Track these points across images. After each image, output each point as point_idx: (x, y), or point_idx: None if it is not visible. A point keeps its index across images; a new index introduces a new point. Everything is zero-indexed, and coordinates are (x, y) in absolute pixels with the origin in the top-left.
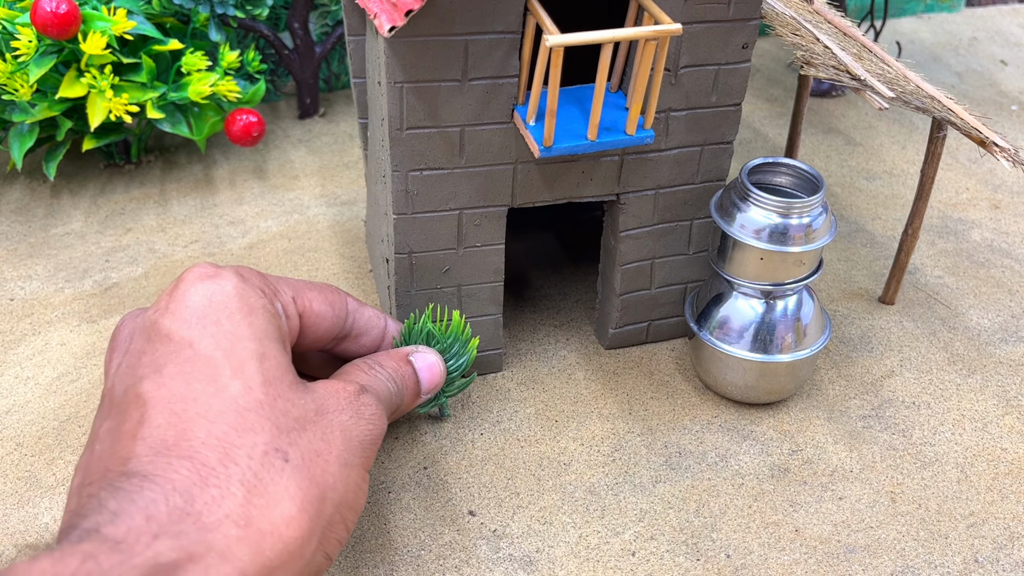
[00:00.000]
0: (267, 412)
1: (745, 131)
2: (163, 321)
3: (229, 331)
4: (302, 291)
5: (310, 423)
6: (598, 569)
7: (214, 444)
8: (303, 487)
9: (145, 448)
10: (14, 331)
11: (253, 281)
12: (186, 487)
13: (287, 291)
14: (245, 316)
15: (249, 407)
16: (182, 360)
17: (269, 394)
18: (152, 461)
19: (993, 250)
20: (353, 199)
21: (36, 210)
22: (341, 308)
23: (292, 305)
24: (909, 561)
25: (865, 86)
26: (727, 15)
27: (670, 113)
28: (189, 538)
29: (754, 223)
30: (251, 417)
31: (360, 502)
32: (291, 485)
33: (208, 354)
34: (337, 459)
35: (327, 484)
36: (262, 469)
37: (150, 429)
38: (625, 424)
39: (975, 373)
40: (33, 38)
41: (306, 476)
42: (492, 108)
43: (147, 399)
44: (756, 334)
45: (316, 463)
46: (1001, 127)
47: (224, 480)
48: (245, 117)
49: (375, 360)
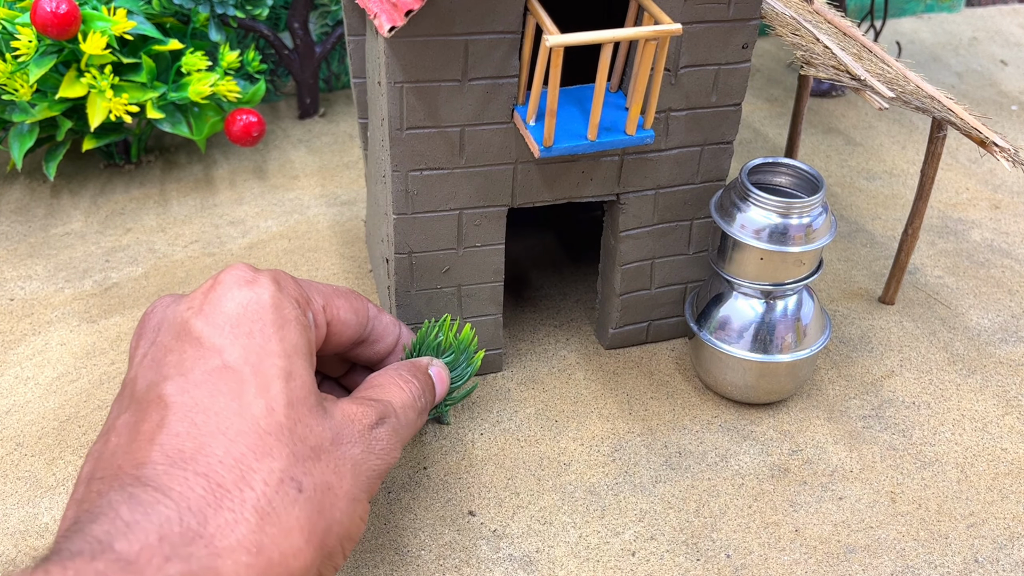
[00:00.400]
0: (286, 437)
1: (745, 131)
2: (195, 322)
3: (260, 344)
4: (331, 299)
5: (325, 453)
6: (598, 569)
7: (231, 464)
8: (312, 519)
9: (161, 455)
10: (14, 331)
11: (289, 290)
12: (200, 507)
13: (318, 299)
14: (277, 329)
15: (270, 430)
16: (209, 368)
17: (290, 417)
18: (168, 472)
19: (993, 250)
20: (353, 199)
21: (36, 210)
22: (364, 315)
23: (322, 314)
24: (909, 561)
25: (865, 86)
26: (727, 15)
27: (670, 113)
28: (200, 563)
29: (754, 223)
30: (270, 441)
31: (360, 533)
32: (302, 516)
33: (236, 366)
34: (346, 494)
35: (334, 518)
36: (276, 497)
37: (168, 436)
38: (625, 424)
39: (975, 373)
40: (33, 38)
41: (316, 509)
42: (492, 108)
43: (169, 402)
44: (756, 334)
45: (326, 496)
46: (1001, 127)
47: (239, 504)
48: (245, 117)
49: (406, 373)
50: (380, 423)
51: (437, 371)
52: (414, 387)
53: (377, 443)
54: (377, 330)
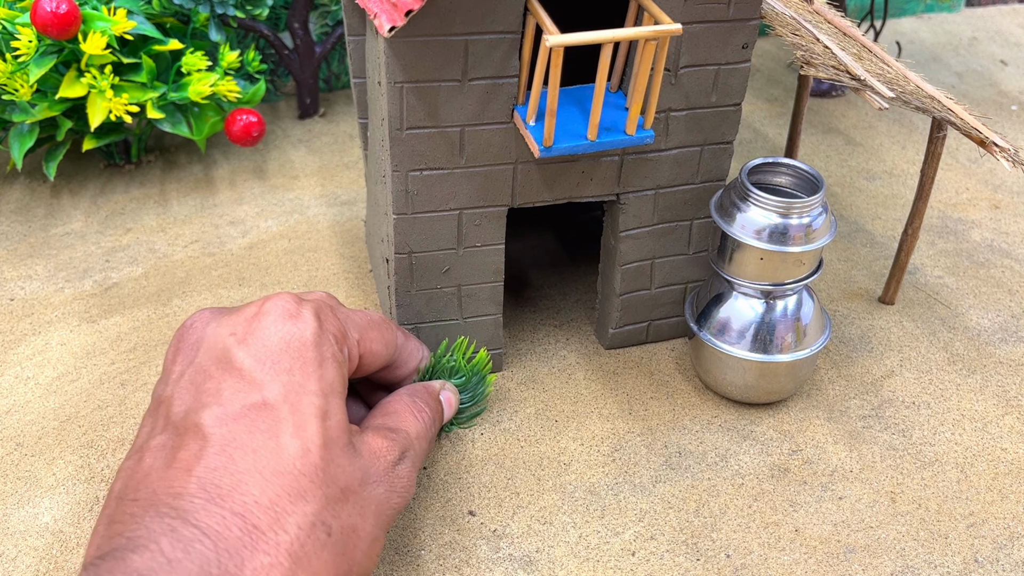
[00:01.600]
0: (320, 479)
1: (745, 131)
2: (237, 352)
3: (299, 383)
4: (366, 332)
5: (353, 495)
6: (598, 569)
7: (267, 506)
8: (337, 563)
9: (199, 488)
10: (14, 331)
11: (329, 326)
12: (237, 549)
13: (354, 334)
14: (317, 367)
15: (305, 471)
16: (249, 404)
17: (324, 458)
18: (205, 508)
19: (993, 250)
20: (353, 199)
21: (36, 210)
22: (393, 345)
23: (356, 348)
24: (909, 561)
25: (865, 86)
26: (727, 15)
27: (670, 113)
28: None
29: (754, 223)
30: (304, 483)
31: (374, 569)
32: (329, 560)
33: (275, 404)
34: (368, 535)
35: (355, 560)
36: (308, 541)
37: (206, 470)
38: (625, 424)
39: (975, 373)
40: (33, 38)
41: (341, 552)
42: (492, 108)
43: (207, 433)
44: (756, 334)
45: (351, 539)
46: (1001, 127)
47: (273, 548)
48: (245, 117)
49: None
50: (402, 459)
51: (447, 396)
52: (427, 416)
53: (399, 481)
54: (403, 356)
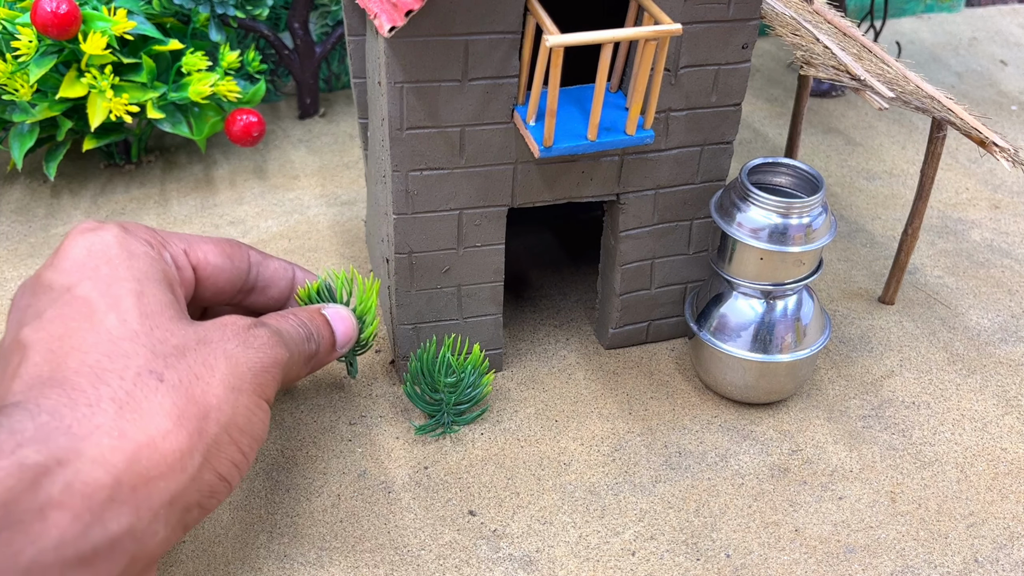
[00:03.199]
0: (143, 340)
1: (745, 131)
2: (46, 274)
3: (107, 274)
4: (196, 244)
5: (191, 350)
6: (598, 569)
7: (86, 371)
8: (179, 404)
9: (21, 384)
10: None
11: (138, 232)
12: (55, 408)
13: (178, 243)
14: (125, 260)
15: (124, 336)
16: (60, 304)
17: (145, 325)
18: (24, 394)
19: (993, 250)
20: (353, 199)
21: (36, 210)
22: (242, 260)
23: (183, 256)
24: (909, 561)
25: (865, 86)
26: (727, 15)
27: (670, 113)
28: (58, 444)
29: (754, 223)
30: (125, 345)
31: (256, 429)
32: (166, 402)
33: (85, 295)
34: (221, 382)
35: (209, 404)
36: (135, 388)
37: (27, 368)
38: (625, 424)
39: (975, 373)
40: (33, 38)
41: (183, 395)
42: (492, 108)
43: (27, 343)
44: (756, 334)
45: (196, 384)
46: (1001, 127)
47: (95, 399)
48: (245, 117)
49: (286, 311)
50: (258, 325)
51: (335, 311)
52: (293, 318)
53: (255, 339)
54: (264, 275)
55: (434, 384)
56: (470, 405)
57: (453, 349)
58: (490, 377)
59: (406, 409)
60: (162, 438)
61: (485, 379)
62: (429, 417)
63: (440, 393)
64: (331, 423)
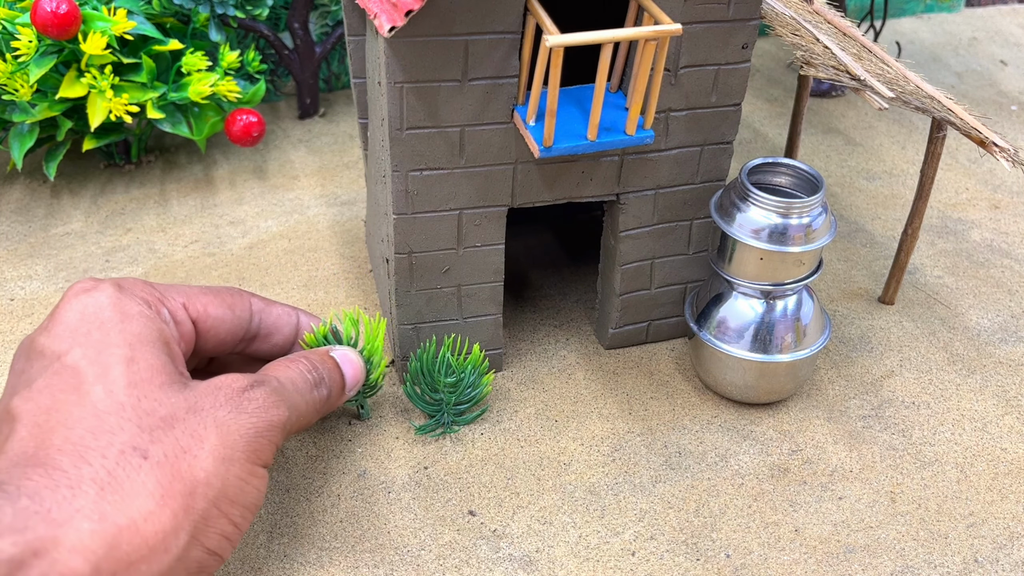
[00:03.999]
0: (129, 413)
1: (745, 131)
2: (40, 339)
3: (98, 339)
4: (195, 296)
5: (179, 421)
6: (598, 569)
7: (69, 449)
8: (164, 483)
9: (6, 462)
10: (14, 331)
11: (133, 290)
12: (36, 491)
13: (176, 298)
14: (118, 324)
15: (109, 410)
16: (50, 373)
17: (132, 396)
18: (9, 472)
19: (993, 250)
20: (353, 199)
21: (36, 210)
22: (243, 310)
23: (182, 311)
24: (909, 561)
25: (865, 86)
26: (727, 15)
27: (670, 113)
28: (35, 533)
29: (754, 223)
30: (110, 420)
31: (250, 498)
32: (149, 480)
33: (74, 363)
34: (211, 454)
35: (197, 479)
36: (117, 467)
37: (14, 443)
38: (625, 424)
39: (975, 373)
40: (33, 38)
41: (168, 472)
42: (492, 108)
43: (16, 413)
44: (756, 334)
45: (183, 459)
46: (1001, 127)
47: (76, 480)
48: (245, 117)
49: (295, 356)
50: (254, 386)
51: (343, 354)
52: (302, 363)
53: (250, 403)
54: (267, 323)
55: (434, 384)
56: (470, 405)
57: (453, 349)
58: (490, 377)
59: (406, 409)
60: (144, 520)
61: (485, 379)
62: (429, 417)
63: (440, 393)
64: (331, 423)
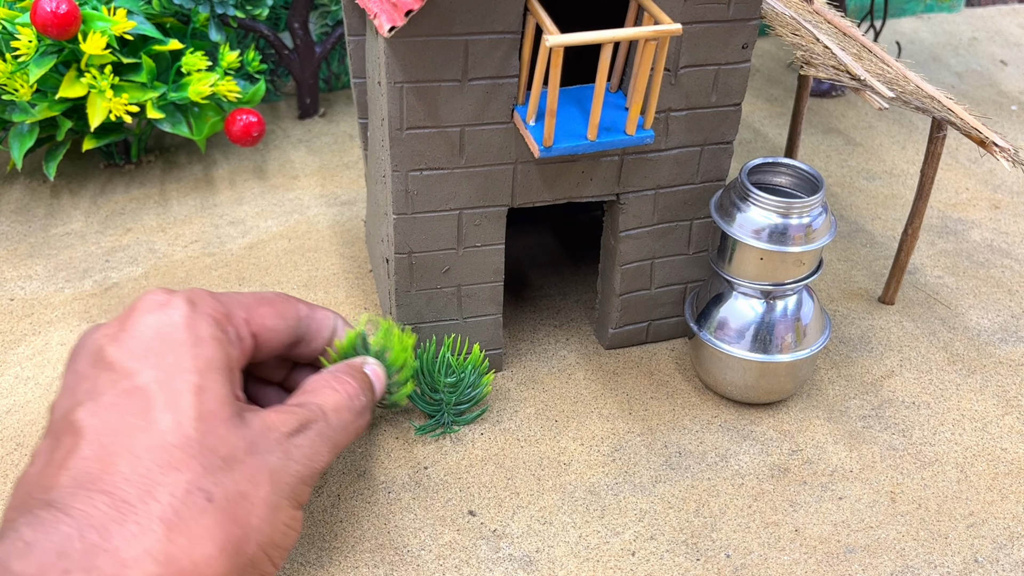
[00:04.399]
0: (195, 449)
1: (745, 131)
2: (110, 349)
3: (171, 363)
4: (254, 310)
5: (238, 463)
6: (598, 569)
7: (136, 480)
8: (225, 528)
9: (68, 479)
10: (14, 331)
11: (204, 308)
12: (103, 523)
13: (240, 313)
14: (191, 347)
15: (177, 443)
16: (120, 391)
17: (200, 430)
18: (73, 493)
19: (993, 250)
20: (353, 199)
21: (36, 210)
22: (293, 318)
23: (245, 327)
24: (909, 561)
25: (865, 86)
26: (727, 15)
27: (670, 113)
28: (103, 573)
29: (754, 223)
30: (177, 454)
31: (290, 541)
32: (213, 525)
33: (145, 386)
34: (264, 501)
35: (251, 526)
36: (184, 507)
37: (77, 459)
38: (625, 424)
39: (975, 373)
40: (33, 38)
41: (229, 517)
42: (492, 108)
43: (80, 427)
44: (756, 334)
45: (241, 505)
46: (1001, 127)
47: (144, 517)
48: (245, 117)
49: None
50: (301, 430)
51: (373, 369)
52: (351, 387)
53: (297, 450)
54: (312, 328)
55: (434, 384)
56: (470, 405)
57: (453, 349)
58: (490, 377)
59: (406, 409)
60: (206, 565)
61: (485, 379)
62: (429, 417)
63: (440, 393)
64: None
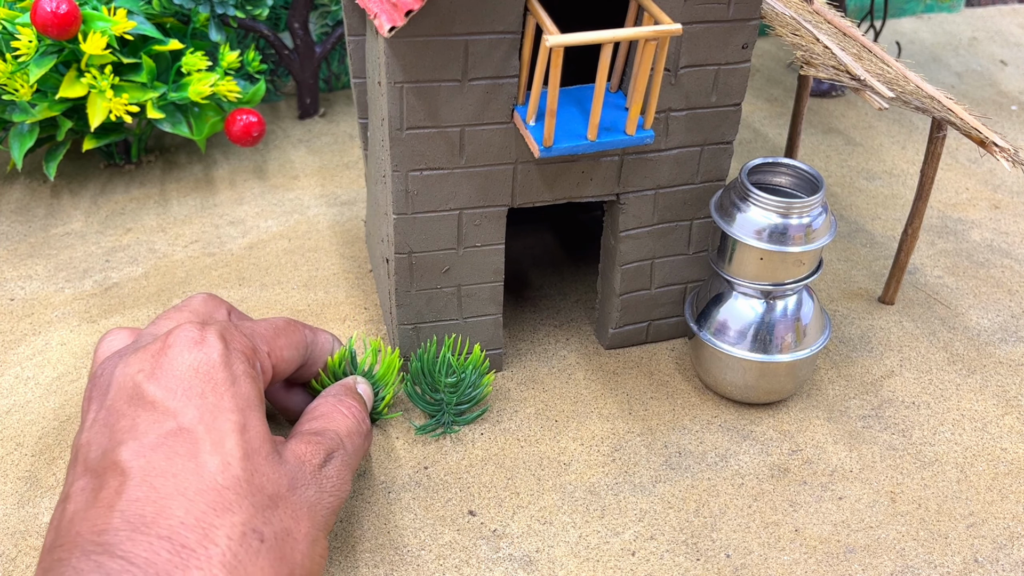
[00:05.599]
0: (245, 489)
1: (745, 131)
2: (148, 387)
3: (213, 403)
4: (273, 342)
5: (283, 500)
6: (598, 569)
7: (193, 524)
8: (276, 567)
9: (122, 521)
10: (14, 331)
11: (236, 345)
12: (168, 570)
13: (263, 347)
14: (229, 387)
15: (227, 485)
16: (165, 432)
17: (247, 469)
18: (130, 538)
19: (993, 250)
20: (353, 199)
21: (36, 210)
22: (303, 346)
23: (267, 359)
24: (909, 561)
25: (865, 86)
26: (727, 15)
27: (670, 113)
28: None
29: (754, 223)
30: (229, 496)
31: (322, 571)
32: (266, 566)
33: (191, 427)
34: (305, 536)
35: (295, 562)
36: (241, 550)
37: (128, 502)
38: (625, 424)
39: (975, 373)
40: (33, 38)
41: (278, 555)
42: (492, 108)
43: (126, 468)
44: (756, 334)
45: (287, 542)
46: (1001, 127)
47: (206, 562)
48: (245, 117)
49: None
50: (328, 460)
51: (364, 388)
52: (356, 411)
53: (327, 481)
54: (315, 352)
55: (434, 384)
56: (470, 405)
57: (453, 349)
58: (490, 377)
59: (406, 409)
60: None
61: (485, 379)
62: (429, 417)
63: (440, 393)
64: None
